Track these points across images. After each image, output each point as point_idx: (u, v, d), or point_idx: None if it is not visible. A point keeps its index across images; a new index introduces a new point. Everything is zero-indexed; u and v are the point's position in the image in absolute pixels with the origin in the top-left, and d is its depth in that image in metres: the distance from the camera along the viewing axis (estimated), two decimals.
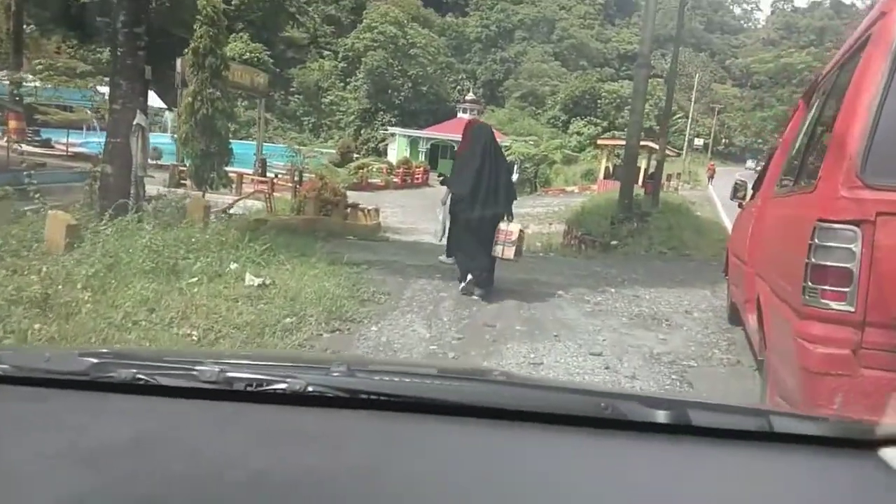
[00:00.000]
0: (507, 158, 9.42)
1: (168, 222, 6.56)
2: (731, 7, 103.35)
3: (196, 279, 5.09)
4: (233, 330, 4.25)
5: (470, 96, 51.11)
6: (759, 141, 73.84)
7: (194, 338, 4.06)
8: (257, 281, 5.23)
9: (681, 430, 0.91)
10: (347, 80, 63.80)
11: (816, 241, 2.37)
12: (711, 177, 44.39)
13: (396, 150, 46.54)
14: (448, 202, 6.44)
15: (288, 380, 0.96)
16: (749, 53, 71.38)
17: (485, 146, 6.07)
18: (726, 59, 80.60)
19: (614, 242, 10.84)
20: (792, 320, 2.54)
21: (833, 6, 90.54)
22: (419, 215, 20.23)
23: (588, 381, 3.90)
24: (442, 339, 4.70)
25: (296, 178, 21.76)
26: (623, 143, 32.08)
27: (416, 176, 35.70)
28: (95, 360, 1.01)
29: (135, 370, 0.98)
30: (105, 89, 42.58)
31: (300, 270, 5.89)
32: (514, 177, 38.47)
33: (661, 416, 0.91)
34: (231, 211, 19.01)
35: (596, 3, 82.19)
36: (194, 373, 0.97)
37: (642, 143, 29.51)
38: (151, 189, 21.51)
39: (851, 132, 2.37)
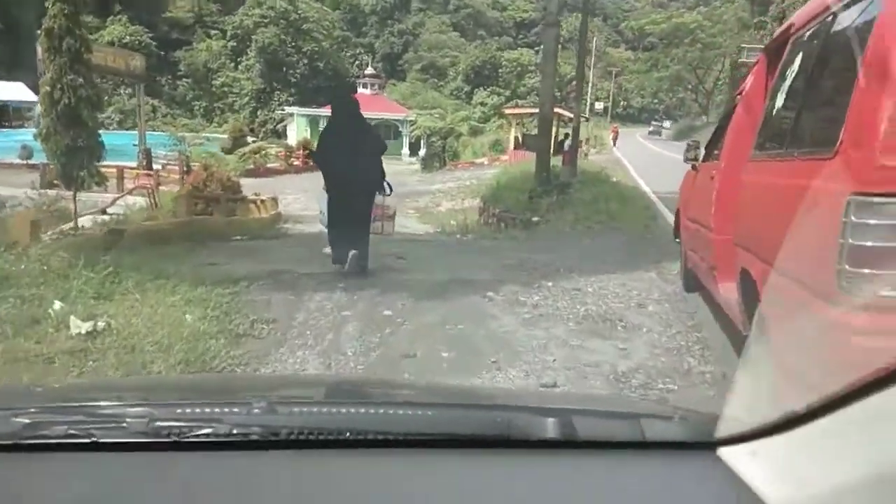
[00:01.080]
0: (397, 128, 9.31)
1: None
2: None
3: None
4: None
5: (369, 70, 49.47)
6: (656, 101, 76.09)
7: None
8: (85, 326, 3.82)
9: (569, 443, 1.00)
10: (238, 59, 61.05)
11: (853, 217, 2.04)
12: (615, 139, 44.72)
13: (296, 131, 44.51)
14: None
15: (213, 423, 0.99)
16: (640, 16, 72.75)
17: (349, 118, 5.94)
18: (619, 23, 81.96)
19: (536, 219, 9.89)
20: (822, 309, 2.19)
21: None
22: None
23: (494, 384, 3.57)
24: None
25: (184, 169, 19.73)
26: (531, 111, 31.71)
27: None
28: (27, 420, 1.00)
29: (66, 426, 0.99)
30: None
31: (154, 300, 4.48)
32: (422, 151, 37.39)
33: (551, 430, 1.00)
34: (110, 211, 16.93)
35: None
36: (124, 425, 0.99)
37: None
38: (19, 192, 18.98)
39: (886, 89, 2.04)
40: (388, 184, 6.34)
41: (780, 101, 3.32)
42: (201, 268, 5.77)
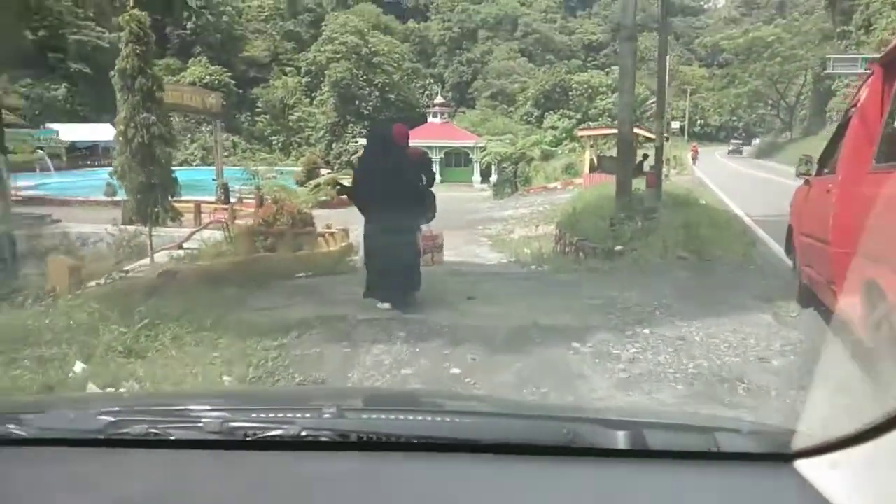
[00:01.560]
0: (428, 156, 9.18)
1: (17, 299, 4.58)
2: None
3: None
4: None
5: (439, 99, 49.74)
6: (734, 118, 73.09)
7: None
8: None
9: (639, 453, 0.98)
10: (313, 94, 62.70)
11: None
12: (695, 159, 42.87)
13: None
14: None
15: (284, 426, 1.03)
16: (712, 33, 70.59)
17: (383, 147, 5.80)
18: (691, 42, 79.73)
19: (619, 248, 8.99)
20: None
21: None
22: None
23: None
24: None
25: (259, 203, 19.88)
26: (606, 132, 30.49)
27: None
28: (112, 419, 1.07)
29: (146, 425, 1.05)
30: (57, 126, 40.01)
31: (191, 356, 3.96)
32: (493, 178, 36.80)
33: (621, 441, 0.98)
34: (186, 245, 17.06)
35: None
36: (200, 424, 1.05)
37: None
38: (99, 229, 19.41)
39: None
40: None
41: None
42: (253, 313, 5.25)
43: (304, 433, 1.00)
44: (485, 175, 40.47)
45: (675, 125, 60.75)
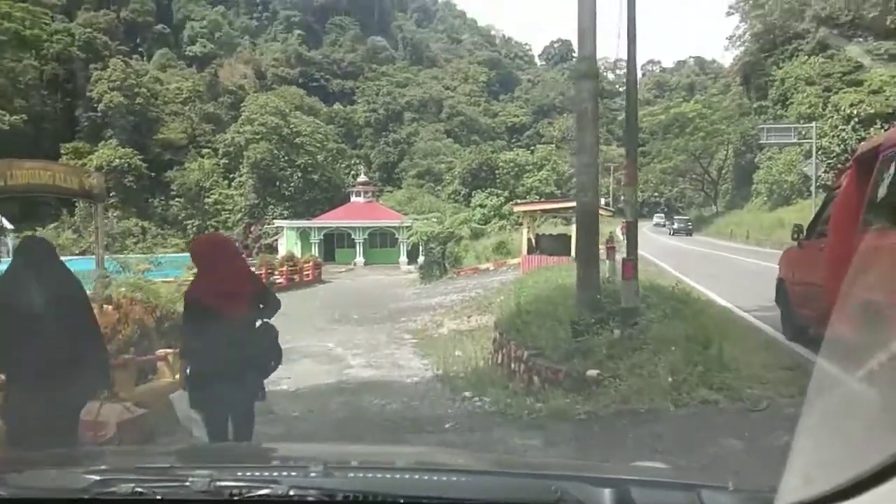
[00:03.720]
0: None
1: None
2: (606, 74, 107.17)
3: None
4: None
5: (362, 178, 47.78)
6: (656, 194, 73.65)
7: None
8: None
9: None
10: (231, 176, 60.19)
11: None
12: (625, 235, 40.72)
13: (286, 245, 41.80)
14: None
15: (271, 485, 1.04)
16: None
17: (33, 275, 3.54)
18: (611, 122, 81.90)
19: (593, 372, 5.97)
20: None
21: (697, 63, 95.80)
22: (304, 325, 15.05)
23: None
24: None
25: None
26: (547, 206, 28.11)
27: (306, 272, 30.70)
28: (97, 477, 1.05)
29: (133, 484, 1.03)
30: None
31: None
32: (420, 259, 33.98)
33: (607, 499, 1.00)
34: None
35: (479, 82, 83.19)
36: (187, 483, 1.03)
37: (561, 205, 25.00)
38: None
39: None
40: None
41: (882, 193, 4.88)
42: None
43: (291, 492, 1.00)
44: (411, 256, 37.98)
45: (602, 202, 60.16)
